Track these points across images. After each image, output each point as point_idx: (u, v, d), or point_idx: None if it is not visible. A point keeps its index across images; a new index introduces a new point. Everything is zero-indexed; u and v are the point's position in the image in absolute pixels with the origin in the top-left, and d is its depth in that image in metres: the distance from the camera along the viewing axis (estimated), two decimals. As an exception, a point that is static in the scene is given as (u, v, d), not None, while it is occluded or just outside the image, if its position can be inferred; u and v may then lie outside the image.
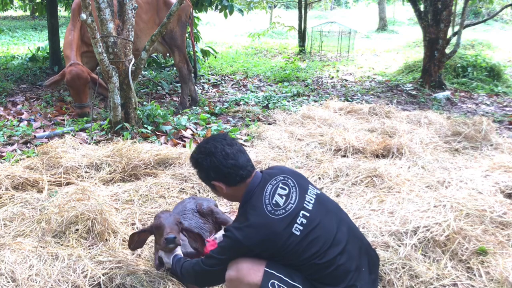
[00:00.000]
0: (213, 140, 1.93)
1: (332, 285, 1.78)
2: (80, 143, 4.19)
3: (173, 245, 2.21)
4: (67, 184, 3.48)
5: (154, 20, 5.96)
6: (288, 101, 6.81)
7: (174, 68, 8.60)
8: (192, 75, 6.50)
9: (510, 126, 5.58)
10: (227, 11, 7.75)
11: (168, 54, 6.61)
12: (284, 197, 1.84)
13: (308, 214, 1.82)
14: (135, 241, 2.36)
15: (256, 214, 1.79)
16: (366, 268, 1.90)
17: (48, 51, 9.00)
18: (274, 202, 1.82)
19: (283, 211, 1.79)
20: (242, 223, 1.80)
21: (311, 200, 1.88)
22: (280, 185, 1.88)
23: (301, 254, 1.76)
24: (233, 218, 2.95)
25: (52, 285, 2.20)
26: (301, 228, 1.78)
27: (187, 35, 6.69)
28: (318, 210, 1.86)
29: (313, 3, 19.61)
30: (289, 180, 1.91)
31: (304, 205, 1.84)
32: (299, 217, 1.80)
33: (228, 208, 3.22)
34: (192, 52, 7.94)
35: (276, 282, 1.73)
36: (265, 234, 1.75)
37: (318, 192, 1.96)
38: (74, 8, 5.61)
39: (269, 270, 1.76)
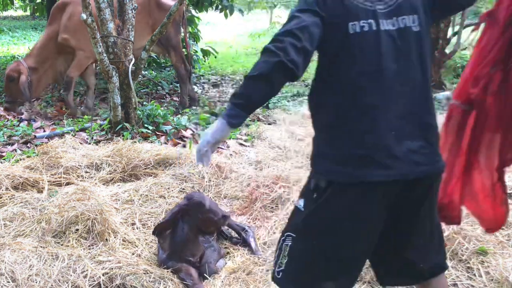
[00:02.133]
0: None
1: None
2: (80, 143, 4.19)
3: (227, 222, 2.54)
4: (67, 184, 3.48)
5: (146, 21, 5.91)
6: (288, 101, 6.81)
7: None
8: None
9: (510, 126, 5.58)
10: (227, 11, 7.75)
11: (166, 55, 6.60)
12: None
13: (375, 28, 1.41)
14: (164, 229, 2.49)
15: None
16: (412, 137, 1.44)
17: (48, 51, 8.99)
18: None
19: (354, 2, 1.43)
20: None
21: (397, 26, 1.42)
22: None
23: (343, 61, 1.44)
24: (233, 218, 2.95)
25: (52, 285, 2.20)
26: (358, 31, 1.41)
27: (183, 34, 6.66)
28: (394, 41, 1.42)
29: (313, 3, 19.57)
30: None
31: (384, 20, 1.42)
32: (365, 21, 1.41)
33: (228, 208, 3.21)
34: (192, 52, 7.96)
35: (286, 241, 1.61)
36: None
37: (418, 29, 1.45)
38: (53, 8, 5.65)
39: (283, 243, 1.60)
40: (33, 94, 5.60)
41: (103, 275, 2.29)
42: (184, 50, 6.43)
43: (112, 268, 2.34)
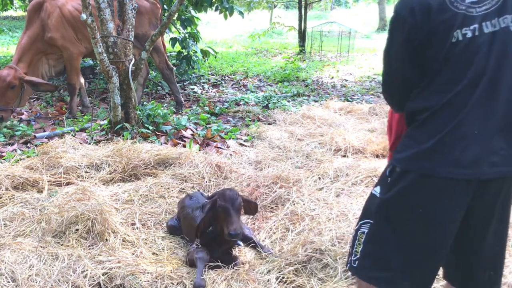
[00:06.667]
0: None
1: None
2: (80, 143, 4.19)
3: (235, 239, 2.32)
4: (67, 184, 3.48)
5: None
6: (288, 101, 6.81)
7: (174, 68, 8.60)
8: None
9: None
10: (227, 12, 7.75)
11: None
12: None
13: (477, 33, 1.38)
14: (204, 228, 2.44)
15: None
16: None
17: (48, 51, 8.98)
18: None
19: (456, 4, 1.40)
20: None
21: (501, 26, 1.38)
22: None
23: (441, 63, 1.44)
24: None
25: (52, 285, 2.20)
26: (460, 39, 1.39)
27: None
28: (496, 43, 1.38)
29: (313, 3, 19.61)
30: None
31: (488, 22, 1.38)
32: (470, 27, 1.38)
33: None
34: (191, 52, 7.97)
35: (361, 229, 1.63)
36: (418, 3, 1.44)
37: None
38: (29, 9, 5.44)
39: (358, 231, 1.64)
40: (22, 102, 5.23)
41: (103, 275, 2.29)
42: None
43: (112, 268, 2.34)
